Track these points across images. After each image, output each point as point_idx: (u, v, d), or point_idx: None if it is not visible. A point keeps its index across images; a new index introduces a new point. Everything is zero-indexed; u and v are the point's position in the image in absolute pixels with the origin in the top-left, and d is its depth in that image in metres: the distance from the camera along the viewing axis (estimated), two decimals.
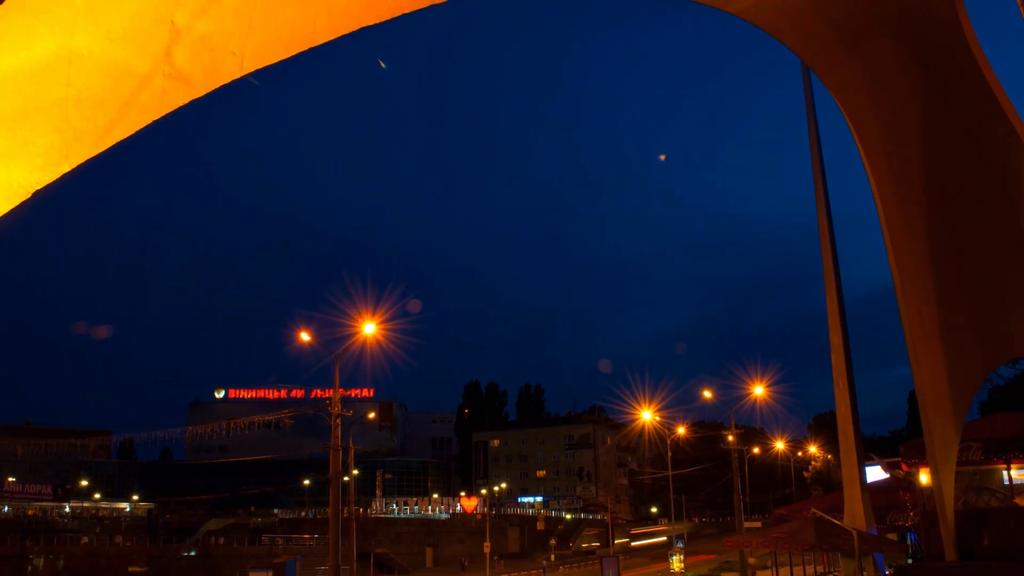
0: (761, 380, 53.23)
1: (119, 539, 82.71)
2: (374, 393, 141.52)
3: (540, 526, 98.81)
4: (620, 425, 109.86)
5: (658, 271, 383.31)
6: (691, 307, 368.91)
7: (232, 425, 68.07)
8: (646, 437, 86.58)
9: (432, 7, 7.91)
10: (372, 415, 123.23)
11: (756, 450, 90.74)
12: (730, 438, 50.89)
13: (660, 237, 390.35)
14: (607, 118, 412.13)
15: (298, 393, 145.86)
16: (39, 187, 5.66)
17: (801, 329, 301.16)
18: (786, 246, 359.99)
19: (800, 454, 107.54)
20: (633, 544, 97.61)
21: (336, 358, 33.52)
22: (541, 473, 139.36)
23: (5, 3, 4.85)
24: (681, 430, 77.00)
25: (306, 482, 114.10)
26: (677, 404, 71.85)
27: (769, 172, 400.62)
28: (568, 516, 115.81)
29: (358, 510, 73.81)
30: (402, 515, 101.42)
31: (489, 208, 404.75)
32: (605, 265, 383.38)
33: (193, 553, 76.44)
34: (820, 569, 33.33)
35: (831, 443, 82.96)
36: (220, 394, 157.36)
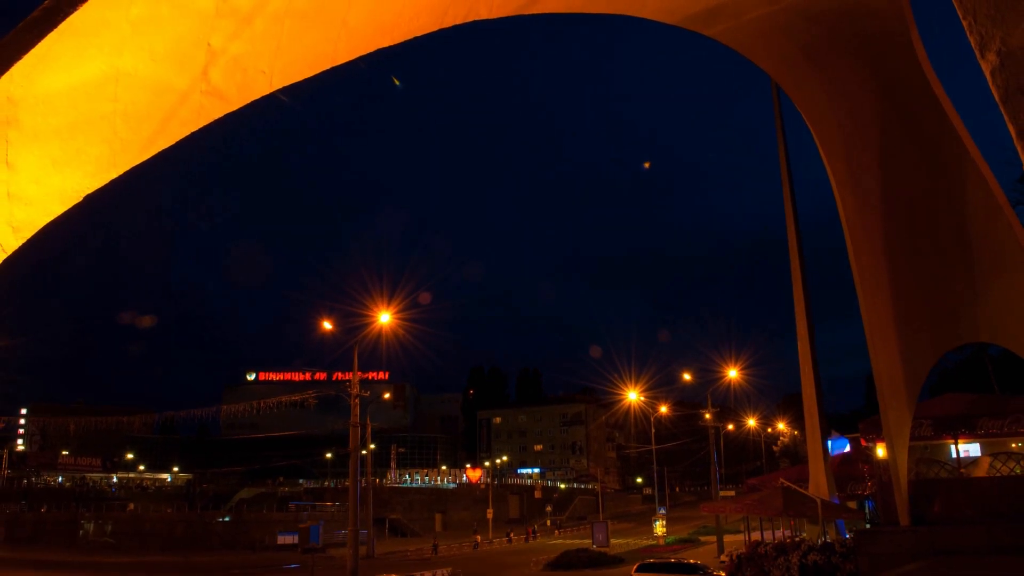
0: (735, 362, 53.37)
1: (161, 506, 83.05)
2: (389, 375, 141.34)
3: (537, 495, 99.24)
4: (609, 404, 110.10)
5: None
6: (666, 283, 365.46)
7: (262, 404, 68.10)
8: (631, 415, 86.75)
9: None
10: (387, 395, 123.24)
11: (730, 427, 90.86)
12: (707, 416, 50.97)
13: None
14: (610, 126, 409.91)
15: (321, 375, 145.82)
16: (89, 191, 5.71)
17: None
18: None
19: (769, 430, 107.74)
20: None
21: (355, 345, 33.61)
22: (538, 447, 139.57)
23: (60, 27, 4.88)
24: (663, 409, 77.14)
25: (328, 455, 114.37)
26: (659, 385, 72.10)
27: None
28: (562, 486, 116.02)
29: (375, 480, 73.99)
30: (414, 485, 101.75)
31: (492, 213, 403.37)
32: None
33: (227, 519, 76.63)
34: (788, 533, 33.37)
35: (797, 420, 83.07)
36: (251, 377, 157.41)
